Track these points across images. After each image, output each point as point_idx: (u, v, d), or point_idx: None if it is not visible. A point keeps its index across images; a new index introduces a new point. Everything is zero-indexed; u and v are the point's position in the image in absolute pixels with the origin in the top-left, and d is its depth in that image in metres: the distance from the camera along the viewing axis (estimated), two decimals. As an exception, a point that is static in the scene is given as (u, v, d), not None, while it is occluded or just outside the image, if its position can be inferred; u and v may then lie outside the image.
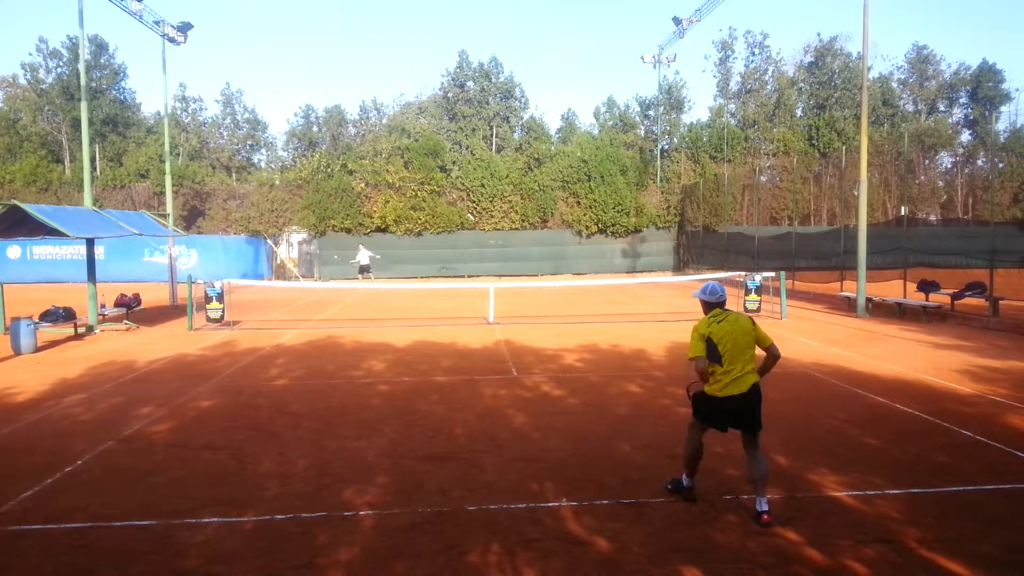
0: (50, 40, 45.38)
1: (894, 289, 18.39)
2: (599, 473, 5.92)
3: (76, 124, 40.58)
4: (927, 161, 42.70)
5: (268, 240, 34.41)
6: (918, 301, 16.59)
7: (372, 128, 49.53)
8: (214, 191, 37.08)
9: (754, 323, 5.14)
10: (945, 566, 4.22)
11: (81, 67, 20.02)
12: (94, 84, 43.90)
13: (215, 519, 5.03)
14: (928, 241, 20.98)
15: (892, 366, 10.43)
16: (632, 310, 19.08)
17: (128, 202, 35.59)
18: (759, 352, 5.13)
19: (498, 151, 44.15)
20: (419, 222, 34.09)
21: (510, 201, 35.40)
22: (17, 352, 12.43)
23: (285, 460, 6.35)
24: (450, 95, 47.30)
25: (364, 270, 30.80)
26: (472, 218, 35.32)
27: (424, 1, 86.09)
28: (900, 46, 75.49)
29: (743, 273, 17.73)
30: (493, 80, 47.10)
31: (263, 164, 50.70)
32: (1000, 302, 14.96)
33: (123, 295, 16.85)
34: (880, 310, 17.41)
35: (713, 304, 5.22)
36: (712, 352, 4.97)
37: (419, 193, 34.24)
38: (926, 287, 17.09)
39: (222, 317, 15.73)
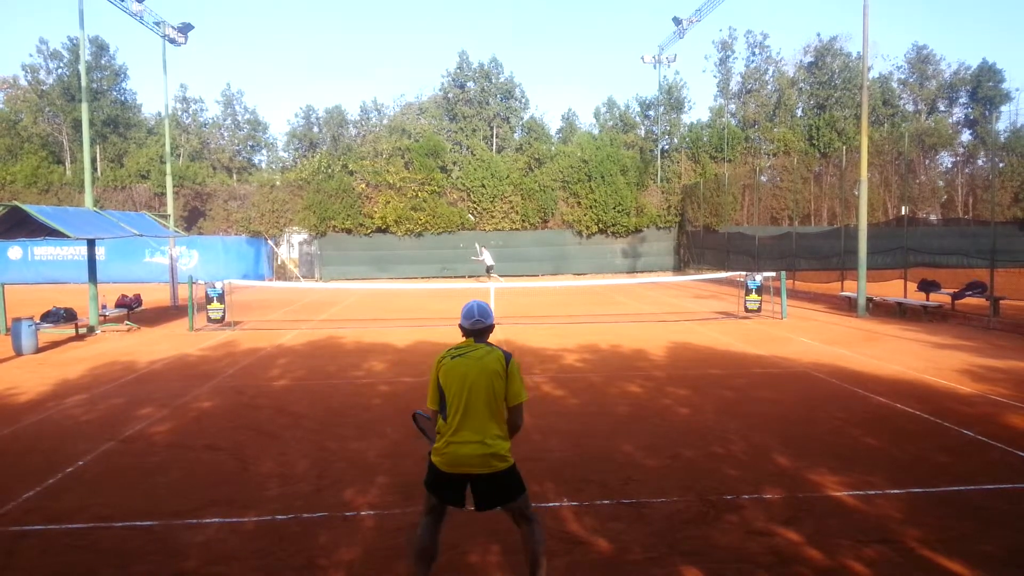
0: (51, 41, 45.54)
1: (895, 289, 18.39)
2: (599, 473, 5.92)
3: (77, 125, 40.59)
4: (927, 161, 42.70)
5: (269, 241, 34.43)
6: (919, 301, 16.58)
7: (373, 129, 49.56)
8: (215, 192, 37.11)
9: (509, 366, 3.67)
10: (945, 566, 4.22)
11: (82, 68, 20.04)
12: (95, 85, 43.94)
13: (216, 519, 5.04)
14: (928, 241, 20.96)
15: (892, 366, 10.43)
16: (632, 310, 19.08)
17: (129, 203, 35.62)
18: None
19: (498, 151, 44.15)
20: (420, 222, 34.11)
21: (510, 201, 35.41)
22: (18, 353, 12.44)
23: (286, 460, 6.36)
24: (450, 95, 47.31)
25: (490, 270, 30.38)
26: (473, 218, 35.33)
27: (424, 1, 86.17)
28: (900, 46, 75.72)
29: (743, 273, 17.75)
30: (493, 80, 47.10)
31: (264, 165, 50.79)
32: (1001, 302, 14.96)
33: (124, 296, 16.87)
34: (881, 310, 17.41)
35: (467, 331, 3.82)
36: (441, 399, 3.68)
37: (420, 193, 34.26)
38: (927, 287, 17.09)
39: (223, 318, 15.74)
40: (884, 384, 9.21)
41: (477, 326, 3.79)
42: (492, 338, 3.94)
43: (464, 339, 3.83)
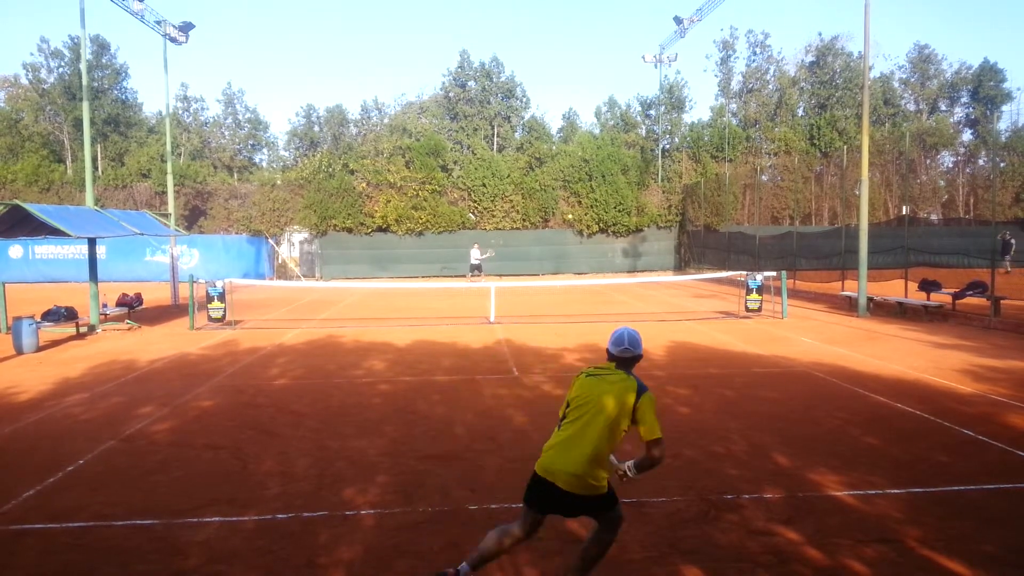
0: (52, 40, 45.59)
1: (895, 288, 18.38)
2: (599, 472, 5.91)
3: (78, 124, 40.59)
4: (928, 160, 42.66)
5: (269, 240, 34.43)
6: (919, 300, 16.57)
7: (373, 128, 49.57)
8: (216, 191, 37.12)
9: (640, 400, 3.62)
10: (945, 566, 4.22)
11: (83, 67, 20.05)
12: (96, 84, 43.95)
13: (216, 518, 5.04)
14: (929, 240, 20.97)
15: (893, 365, 10.43)
16: (633, 310, 19.08)
17: (130, 202, 35.64)
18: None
19: (499, 151, 44.15)
20: (420, 222, 34.10)
21: (511, 201, 35.41)
22: (19, 352, 12.45)
23: (286, 459, 6.36)
24: (451, 95, 47.30)
25: (475, 268, 30.18)
26: (473, 218, 35.33)
27: (425, 1, 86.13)
28: (901, 45, 75.92)
29: (744, 273, 17.75)
30: (494, 80, 47.09)
31: (264, 164, 50.79)
32: (1001, 301, 14.95)
33: (125, 295, 16.87)
34: (881, 309, 17.40)
35: (612, 356, 3.86)
36: (565, 405, 3.79)
37: (420, 193, 34.26)
38: (927, 286, 17.08)
39: (223, 317, 15.74)
40: (884, 384, 9.21)
41: (625, 354, 3.82)
42: (491, 337, 3.95)
43: (608, 362, 3.86)
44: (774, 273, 17.12)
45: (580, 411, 3.65)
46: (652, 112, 47.00)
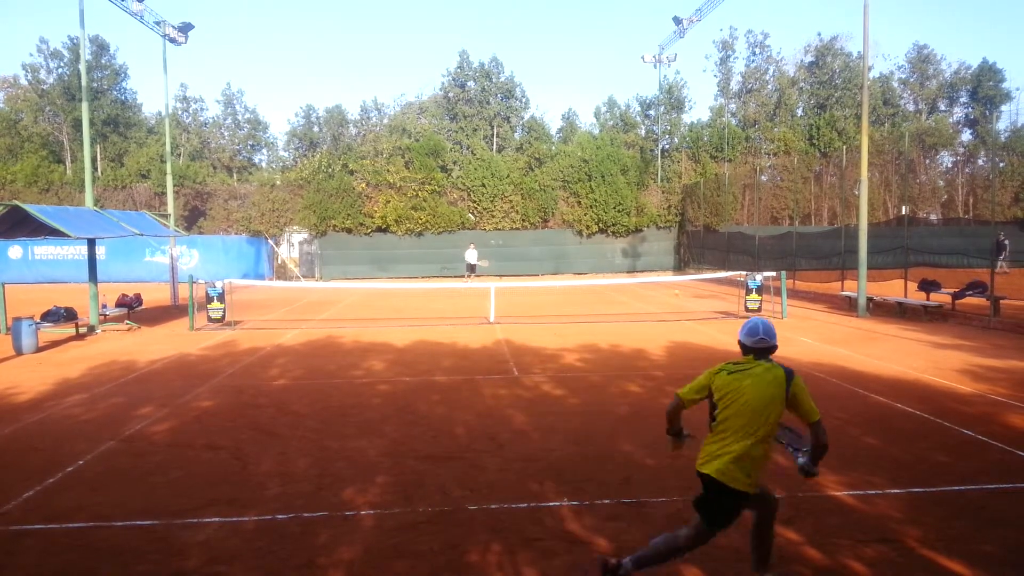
0: (51, 40, 45.58)
1: (895, 288, 18.39)
2: (600, 473, 5.92)
3: (77, 124, 40.59)
4: (928, 160, 42.69)
5: (269, 240, 34.43)
6: (919, 300, 16.58)
7: (373, 128, 49.55)
8: (215, 191, 37.12)
9: (791, 386, 3.60)
10: (945, 566, 4.22)
11: (82, 67, 20.05)
12: (95, 84, 43.93)
13: (216, 519, 5.04)
14: (929, 240, 20.98)
15: (892, 365, 10.43)
16: (632, 310, 19.08)
17: (129, 202, 35.64)
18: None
19: (499, 151, 44.15)
20: (420, 222, 34.10)
21: (511, 201, 35.41)
22: (19, 352, 12.44)
23: (286, 460, 6.36)
24: (451, 95, 47.29)
25: (470, 269, 30.27)
26: (473, 218, 35.33)
27: (424, 1, 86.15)
28: (901, 45, 75.92)
29: (744, 273, 17.75)
30: (494, 80, 47.09)
31: (264, 164, 50.76)
32: (1001, 301, 14.96)
33: (124, 295, 16.87)
34: (881, 310, 17.40)
35: (747, 348, 3.81)
36: (712, 407, 3.83)
37: (420, 193, 34.26)
38: (927, 286, 17.08)
39: (223, 317, 15.74)
40: (884, 384, 9.21)
41: (760, 344, 3.75)
42: (490, 337, 3.96)
43: (743, 356, 3.80)
44: (774, 273, 17.13)
45: (730, 411, 3.64)
46: (651, 112, 47.01)
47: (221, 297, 15.77)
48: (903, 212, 20.44)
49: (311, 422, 7.69)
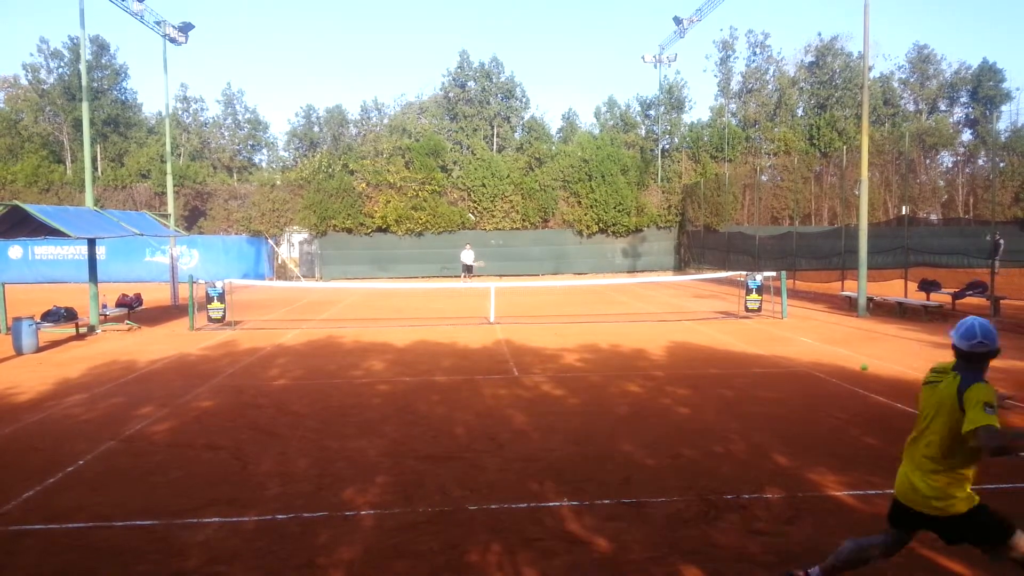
0: (51, 40, 45.56)
1: (895, 288, 18.38)
2: (600, 473, 5.92)
3: (77, 124, 40.59)
4: (928, 160, 42.69)
5: (269, 240, 34.43)
6: (919, 300, 16.57)
7: (373, 128, 49.55)
8: (215, 191, 37.12)
9: (964, 394, 3.29)
10: (945, 566, 4.22)
11: (82, 67, 20.05)
12: (95, 84, 43.92)
13: (216, 519, 5.04)
14: (929, 240, 20.97)
15: (893, 365, 10.43)
16: (632, 310, 19.08)
17: (129, 202, 35.64)
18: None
19: (499, 151, 44.15)
20: (420, 222, 34.10)
21: (511, 201, 35.41)
22: (19, 352, 12.44)
23: (286, 460, 6.36)
24: (451, 95, 47.30)
25: (467, 270, 30.24)
26: (473, 218, 35.33)
27: (424, 1, 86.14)
28: (901, 45, 75.93)
29: (744, 273, 17.75)
30: (494, 80, 47.10)
31: (264, 164, 50.75)
32: (1001, 301, 14.95)
33: (124, 295, 16.86)
34: (881, 310, 17.40)
35: (959, 352, 3.44)
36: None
37: (420, 193, 34.26)
38: (927, 286, 17.08)
39: (223, 317, 15.74)
40: (884, 384, 9.21)
41: (978, 348, 3.32)
42: (490, 337, 3.96)
43: (952, 361, 3.38)
44: (774, 273, 17.12)
45: (917, 425, 3.41)
46: (652, 112, 47.01)
47: (221, 297, 15.77)
48: (903, 212, 20.44)
49: (311, 422, 7.69)
